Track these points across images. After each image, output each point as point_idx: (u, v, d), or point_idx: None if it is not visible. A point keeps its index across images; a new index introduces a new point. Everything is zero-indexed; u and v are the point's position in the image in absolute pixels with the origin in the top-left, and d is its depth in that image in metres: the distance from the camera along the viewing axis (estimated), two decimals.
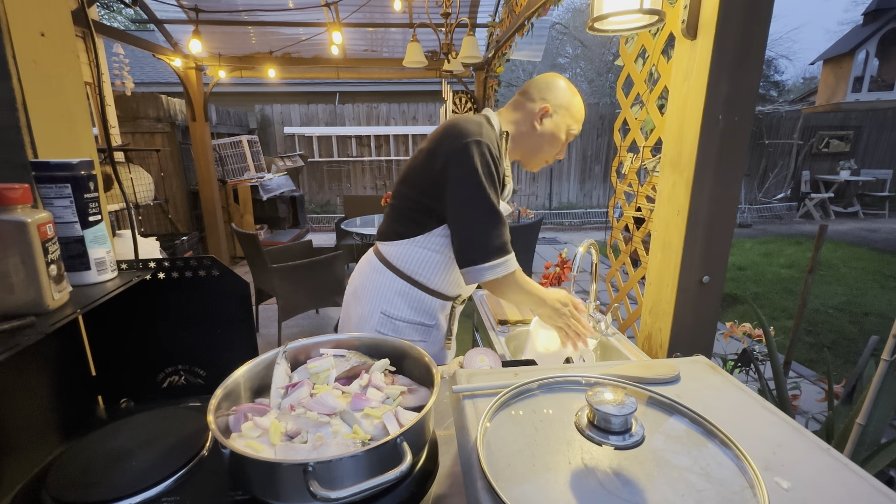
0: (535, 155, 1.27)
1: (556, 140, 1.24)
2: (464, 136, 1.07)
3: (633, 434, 0.50)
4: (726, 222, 1.06)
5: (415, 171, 1.18)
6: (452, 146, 1.08)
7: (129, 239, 1.04)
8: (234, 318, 0.93)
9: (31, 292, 0.62)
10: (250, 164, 6.34)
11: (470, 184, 1.06)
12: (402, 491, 0.65)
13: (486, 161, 1.07)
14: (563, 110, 1.21)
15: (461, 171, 1.06)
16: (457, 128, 1.11)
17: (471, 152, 1.06)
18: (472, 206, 1.07)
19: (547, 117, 1.21)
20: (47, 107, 0.87)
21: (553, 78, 1.23)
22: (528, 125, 1.22)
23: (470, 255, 1.09)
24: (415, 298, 1.23)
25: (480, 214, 1.07)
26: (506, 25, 3.64)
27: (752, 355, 1.70)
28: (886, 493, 0.47)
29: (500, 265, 1.08)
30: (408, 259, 1.21)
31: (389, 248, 1.23)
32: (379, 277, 1.24)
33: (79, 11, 1.94)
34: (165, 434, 0.77)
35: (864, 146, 9.23)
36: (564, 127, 1.22)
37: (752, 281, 4.97)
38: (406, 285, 1.22)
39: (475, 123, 1.12)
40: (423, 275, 1.22)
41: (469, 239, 1.09)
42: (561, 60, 17.22)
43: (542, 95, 1.21)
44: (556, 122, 1.21)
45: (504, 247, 1.09)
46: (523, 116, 1.23)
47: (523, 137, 1.24)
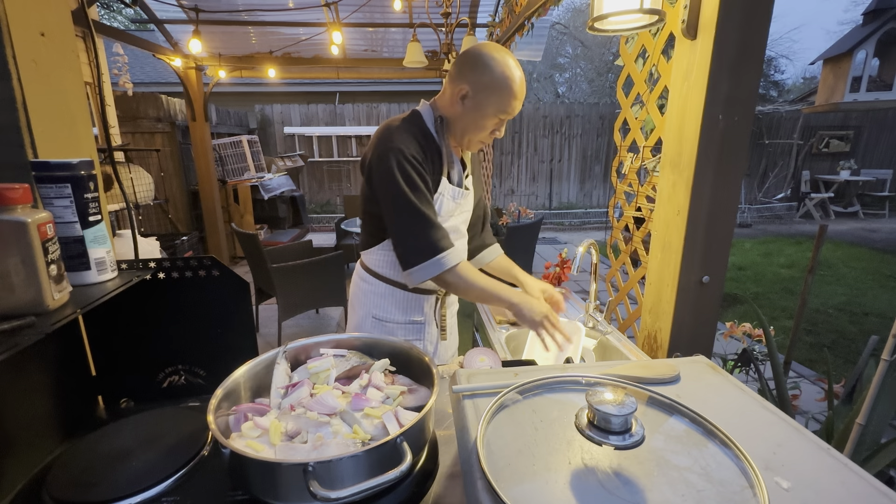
0: (463, 136, 1.19)
1: (483, 121, 1.14)
2: (380, 144, 1.11)
3: (633, 434, 0.50)
4: (726, 222, 1.06)
5: (364, 186, 1.22)
6: (372, 157, 1.12)
7: (129, 239, 1.04)
8: (234, 318, 0.93)
9: (31, 292, 0.62)
10: (250, 164, 6.34)
11: (390, 192, 1.09)
12: (402, 491, 0.65)
13: (402, 167, 1.08)
14: (486, 90, 1.10)
15: (381, 180, 1.10)
16: (377, 136, 1.14)
17: (387, 162, 1.08)
18: (396, 212, 1.10)
19: (468, 98, 1.12)
20: (47, 107, 0.87)
21: (477, 52, 1.11)
22: (452, 107, 1.16)
23: (404, 258, 1.12)
24: (399, 298, 1.28)
25: (405, 218, 1.09)
26: (506, 25, 3.64)
27: (752, 355, 1.69)
28: (886, 493, 0.47)
29: (432, 264, 1.09)
30: (383, 263, 1.27)
31: (368, 255, 1.29)
32: (365, 285, 1.31)
33: (79, 11, 1.94)
34: (165, 434, 0.77)
35: (864, 146, 9.22)
36: (491, 107, 1.11)
37: (752, 281, 4.97)
38: (389, 288, 1.28)
39: (390, 130, 1.13)
40: (399, 274, 1.23)
41: (399, 243, 1.13)
42: (561, 60, 17.22)
43: (463, 74, 1.11)
44: (479, 103, 1.11)
45: (431, 246, 1.09)
46: (449, 98, 1.16)
47: (451, 120, 1.18)
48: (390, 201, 1.10)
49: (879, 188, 8.99)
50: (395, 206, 1.09)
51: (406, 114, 1.20)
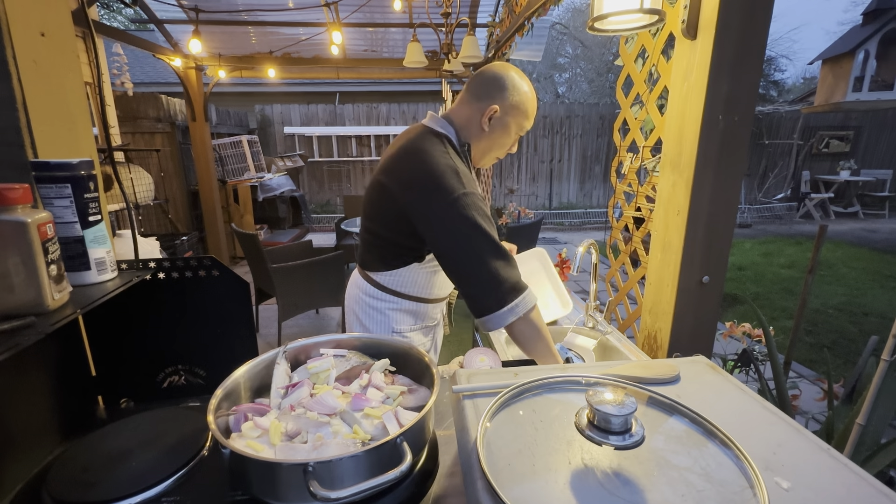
0: (484, 155, 1.20)
1: (506, 139, 1.16)
2: (447, 191, 1.00)
3: (633, 434, 0.50)
4: (726, 222, 1.06)
5: (380, 211, 1.13)
6: (435, 197, 1.01)
7: (129, 239, 1.03)
8: (234, 318, 0.93)
9: (31, 292, 0.62)
10: (250, 164, 6.34)
11: (475, 237, 1.00)
12: (402, 491, 0.65)
13: (480, 211, 1.01)
14: (513, 110, 1.11)
15: (459, 226, 1.00)
16: (431, 172, 1.02)
17: (464, 211, 0.99)
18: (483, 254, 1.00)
19: (496, 119, 1.12)
20: (47, 107, 0.87)
21: (502, 73, 1.11)
22: (477, 126, 1.13)
23: (484, 303, 1.01)
24: (420, 310, 1.26)
25: (491, 259, 1.00)
26: (506, 25, 3.64)
27: (752, 355, 1.69)
28: (886, 493, 0.47)
29: (518, 304, 1.01)
30: (405, 283, 1.20)
31: (385, 277, 1.20)
32: (384, 304, 1.23)
33: (79, 11, 1.95)
34: (165, 434, 0.77)
35: (864, 146, 9.22)
36: (515, 126, 1.14)
37: (752, 281, 4.97)
38: (411, 304, 1.24)
39: (446, 170, 1.02)
40: (425, 291, 1.23)
41: (483, 287, 1.01)
42: (561, 60, 17.21)
43: (490, 94, 1.10)
44: (506, 123, 1.13)
45: (517, 285, 1.02)
46: (470, 116, 1.13)
47: (473, 140, 1.16)
48: (473, 254, 1.00)
49: (879, 188, 8.99)
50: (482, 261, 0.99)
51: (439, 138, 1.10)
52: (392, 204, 1.08)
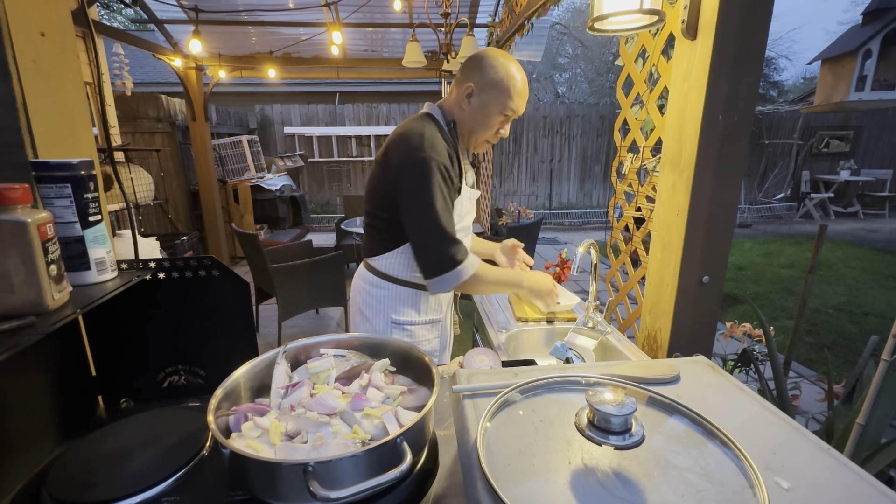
0: (471, 136, 1.23)
1: (489, 119, 1.19)
2: (411, 151, 1.10)
3: (633, 434, 0.50)
4: (726, 222, 1.06)
5: (376, 191, 1.21)
6: (403, 161, 1.11)
7: (129, 239, 1.03)
8: (234, 318, 0.93)
9: (31, 292, 0.62)
10: (250, 164, 6.34)
11: (420, 202, 1.09)
12: (402, 491, 0.65)
13: (438, 179, 1.09)
14: (491, 88, 1.15)
15: (412, 187, 1.10)
16: (404, 141, 1.13)
17: (425, 171, 1.09)
18: (421, 222, 1.11)
19: (474, 97, 1.17)
20: (47, 107, 0.87)
21: (481, 55, 1.17)
22: (459, 107, 1.20)
23: (426, 268, 1.15)
24: (420, 299, 1.27)
25: (428, 233, 1.11)
26: (506, 25, 3.64)
27: (752, 355, 1.70)
28: (886, 493, 0.47)
29: (454, 274, 1.12)
30: (403, 266, 1.25)
31: (382, 261, 1.26)
32: (381, 291, 1.27)
33: (79, 11, 1.94)
34: (165, 434, 0.77)
35: (864, 146, 9.22)
36: (496, 104, 1.16)
37: (752, 281, 4.96)
38: (409, 291, 1.26)
39: (419, 135, 1.12)
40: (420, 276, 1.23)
41: (422, 255, 1.15)
42: (561, 60, 17.20)
43: (467, 74, 1.17)
44: (484, 101, 1.16)
45: (451, 259, 1.12)
46: (455, 98, 1.21)
47: (459, 120, 1.22)
48: (418, 210, 1.11)
49: (879, 188, 8.99)
50: (421, 217, 1.10)
51: (424, 117, 1.20)
52: (384, 179, 1.17)
